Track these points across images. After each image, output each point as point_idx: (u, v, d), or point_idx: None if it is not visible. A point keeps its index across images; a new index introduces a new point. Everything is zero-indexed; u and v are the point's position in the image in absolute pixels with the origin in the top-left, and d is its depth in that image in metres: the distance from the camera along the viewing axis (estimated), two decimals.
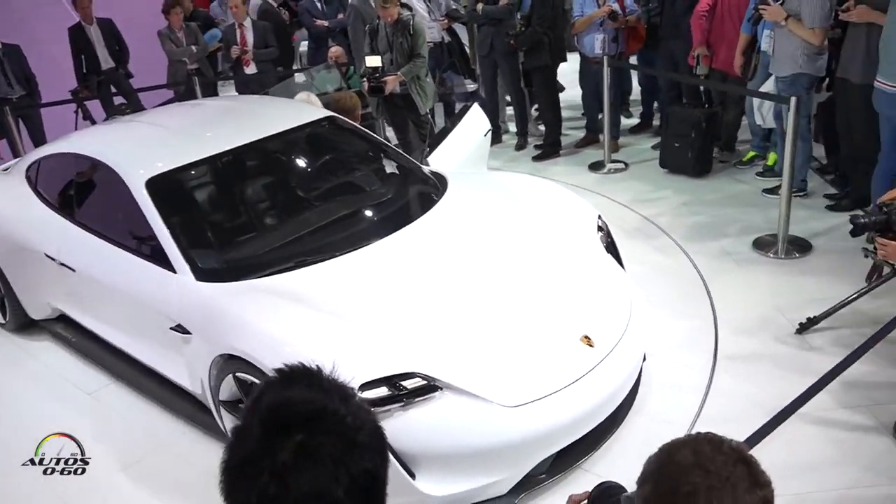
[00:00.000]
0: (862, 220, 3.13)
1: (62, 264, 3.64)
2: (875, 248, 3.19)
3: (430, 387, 2.51)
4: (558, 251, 3.25)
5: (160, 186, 3.33)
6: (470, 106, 5.04)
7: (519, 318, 2.86)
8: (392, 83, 5.60)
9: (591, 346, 2.80)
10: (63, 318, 4.01)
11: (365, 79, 5.62)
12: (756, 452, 2.84)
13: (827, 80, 5.07)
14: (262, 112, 4.09)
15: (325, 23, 7.85)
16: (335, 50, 6.91)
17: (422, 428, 2.49)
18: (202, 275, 3.07)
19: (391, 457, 2.29)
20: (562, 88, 6.96)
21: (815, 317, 3.56)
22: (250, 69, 6.88)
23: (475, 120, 4.93)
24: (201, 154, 3.51)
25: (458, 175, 3.97)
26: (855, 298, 3.50)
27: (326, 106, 4.43)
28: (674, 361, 3.42)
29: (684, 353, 3.51)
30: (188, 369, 3.08)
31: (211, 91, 7.40)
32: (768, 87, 5.08)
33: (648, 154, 6.32)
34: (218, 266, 3.15)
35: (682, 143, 5.67)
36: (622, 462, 2.84)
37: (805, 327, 3.57)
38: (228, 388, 2.85)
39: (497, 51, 6.49)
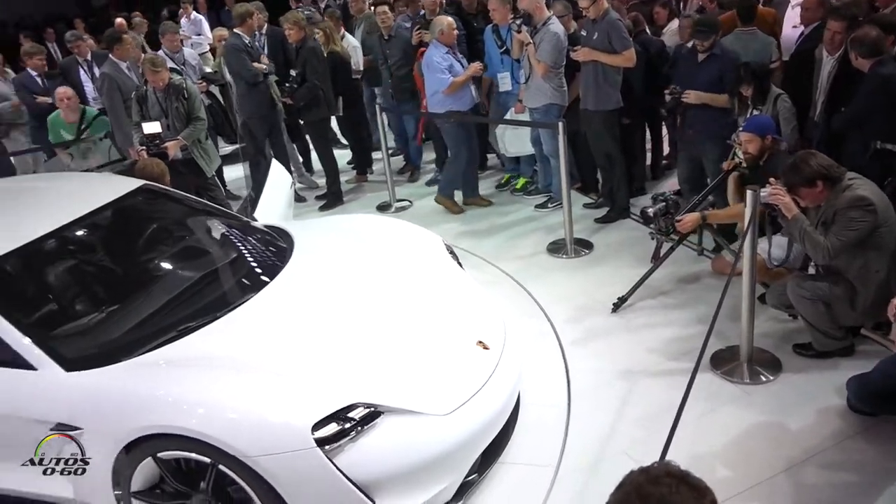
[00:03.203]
0: (650, 212, 3.95)
1: None
2: (660, 230, 4.03)
3: (373, 413, 2.61)
4: (425, 274, 3.53)
5: None
6: (269, 163, 5.12)
7: (421, 337, 3.07)
8: (174, 148, 5.41)
9: (486, 348, 3.12)
10: None
11: (143, 147, 5.34)
12: (625, 409, 3.40)
13: None
14: (71, 189, 3.75)
15: (49, 99, 7.14)
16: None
17: (373, 454, 2.56)
18: (72, 364, 2.76)
19: (351, 486, 2.38)
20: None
21: (623, 296, 4.31)
22: None
23: (279, 175, 5.03)
24: (22, 240, 3.13)
25: (291, 225, 4.06)
26: (650, 274, 4.32)
27: (132, 175, 4.18)
28: (531, 353, 3.87)
29: (537, 346, 3.99)
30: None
31: None
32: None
33: (425, 190, 6.89)
34: (88, 352, 2.84)
35: None
36: (530, 443, 3.22)
37: (618, 305, 4.29)
38: (143, 475, 2.62)
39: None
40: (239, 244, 3.68)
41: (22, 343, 2.77)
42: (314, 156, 7.25)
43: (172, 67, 5.93)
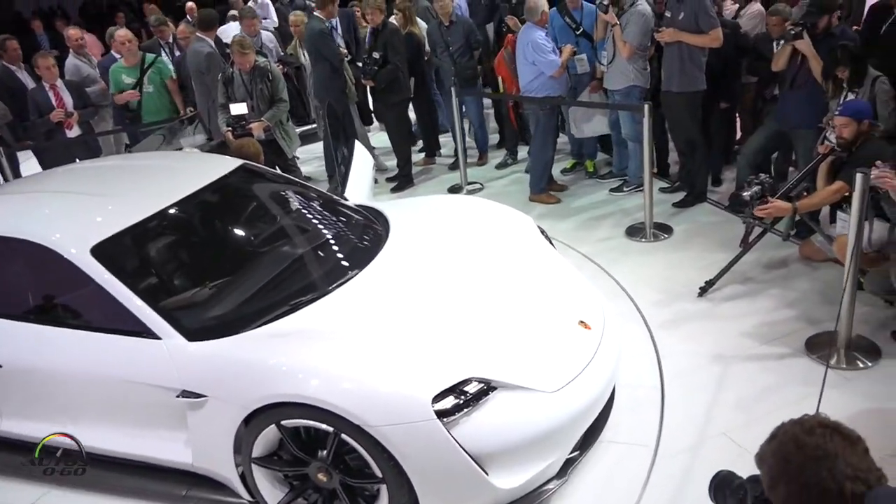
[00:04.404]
0: (745, 195, 3.91)
1: None
2: (753, 215, 3.99)
3: (487, 388, 2.68)
4: (522, 254, 3.57)
5: (108, 252, 3.06)
6: (353, 145, 5.20)
7: (524, 315, 3.11)
8: (258, 129, 5.54)
9: (588, 328, 3.15)
10: None
11: (229, 128, 5.49)
12: (721, 393, 3.38)
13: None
14: (178, 167, 3.90)
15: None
16: None
17: (487, 427, 2.62)
18: (193, 334, 2.88)
19: (468, 458, 2.44)
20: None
21: (710, 280, 4.29)
22: (73, 132, 6.28)
23: (362, 156, 5.10)
24: (139, 215, 3.26)
25: (382, 205, 4.15)
26: (738, 258, 4.28)
27: (230, 154, 4.31)
28: (622, 336, 3.88)
29: (624, 328, 3.98)
30: (195, 438, 2.87)
31: (14, 160, 6.57)
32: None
33: (495, 173, 6.92)
34: (208, 324, 2.97)
35: None
36: (628, 423, 3.26)
37: (705, 290, 4.28)
38: (265, 442, 2.73)
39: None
40: (338, 222, 3.77)
41: (147, 314, 2.91)
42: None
43: (257, 50, 6.04)
